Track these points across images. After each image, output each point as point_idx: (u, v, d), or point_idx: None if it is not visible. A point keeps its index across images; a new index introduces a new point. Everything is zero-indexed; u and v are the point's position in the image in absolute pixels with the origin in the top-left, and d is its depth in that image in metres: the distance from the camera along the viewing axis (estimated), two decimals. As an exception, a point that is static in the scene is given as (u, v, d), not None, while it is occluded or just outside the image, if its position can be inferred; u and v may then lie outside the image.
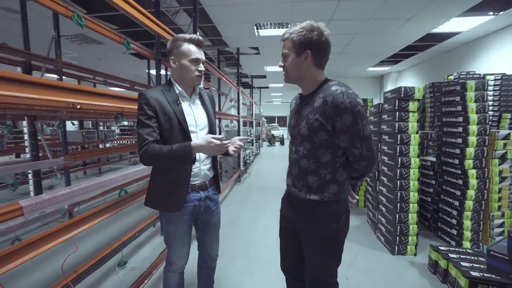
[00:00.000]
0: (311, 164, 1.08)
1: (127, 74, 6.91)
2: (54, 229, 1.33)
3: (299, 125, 1.10)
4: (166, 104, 1.20)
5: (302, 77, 1.10)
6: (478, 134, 2.50)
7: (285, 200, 1.28)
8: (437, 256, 2.15)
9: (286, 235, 1.28)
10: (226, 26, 3.96)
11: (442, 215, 2.80)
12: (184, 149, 1.10)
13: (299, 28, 1.04)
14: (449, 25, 3.89)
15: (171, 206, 1.25)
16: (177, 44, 1.21)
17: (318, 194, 1.08)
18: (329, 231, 1.10)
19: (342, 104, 0.97)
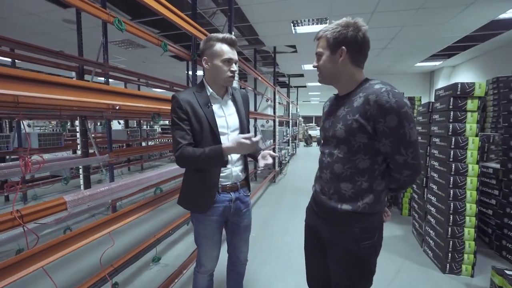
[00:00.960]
0: (346, 170, 0.97)
1: (169, 76, 7.30)
2: (97, 222, 1.42)
3: (334, 127, 1.00)
4: (198, 107, 1.20)
5: (338, 76, 1.01)
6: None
7: (310, 209, 1.19)
8: (502, 282, 1.84)
9: (312, 248, 1.19)
10: (263, 25, 3.92)
11: (508, 232, 2.40)
12: (215, 152, 1.11)
13: (334, 25, 0.98)
14: (518, 10, 3.33)
15: (200, 207, 1.27)
16: (209, 44, 1.20)
17: (351, 203, 0.97)
18: (360, 249, 0.97)
19: (387, 103, 0.87)
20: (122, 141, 5.18)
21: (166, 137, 7.29)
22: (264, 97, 6.42)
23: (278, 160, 6.04)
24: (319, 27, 4.01)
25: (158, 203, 1.99)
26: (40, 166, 1.64)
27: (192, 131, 1.19)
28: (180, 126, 1.17)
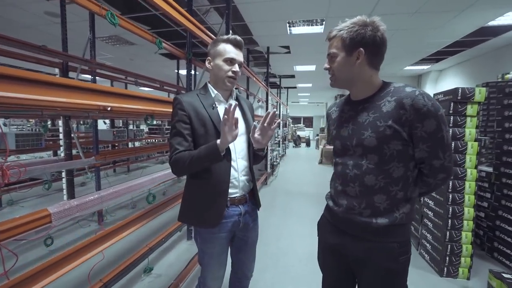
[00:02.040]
0: (380, 181, 0.89)
1: (158, 74, 7.07)
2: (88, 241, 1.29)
3: (360, 135, 0.91)
4: (201, 109, 1.13)
5: (354, 80, 0.93)
6: (553, 142, 2.13)
7: (327, 224, 1.06)
8: (500, 285, 1.85)
9: (336, 271, 1.06)
10: (258, 24, 3.84)
11: (500, 234, 2.45)
12: (208, 147, 1.04)
13: (350, 24, 0.89)
14: (508, 17, 3.43)
15: (209, 220, 1.14)
16: (214, 45, 1.16)
17: (387, 216, 0.89)
18: (399, 265, 0.90)
19: (424, 107, 0.81)
20: (108, 142, 4.95)
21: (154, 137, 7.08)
22: (256, 98, 6.35)
23: (270, 162, 5.99)
24: (314, 29, 3.98)
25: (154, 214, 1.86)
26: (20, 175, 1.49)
27: (194, 136, 1.12)
28: (179, 132, 1.10)
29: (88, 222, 3.17)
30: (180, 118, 1.10)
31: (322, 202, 3.82)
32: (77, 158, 3.05)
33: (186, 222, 1.26)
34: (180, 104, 1.11)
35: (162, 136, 7.21)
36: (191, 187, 1.19)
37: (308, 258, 2.46)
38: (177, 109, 1.11)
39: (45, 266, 1.02)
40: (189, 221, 1.22)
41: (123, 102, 1.43)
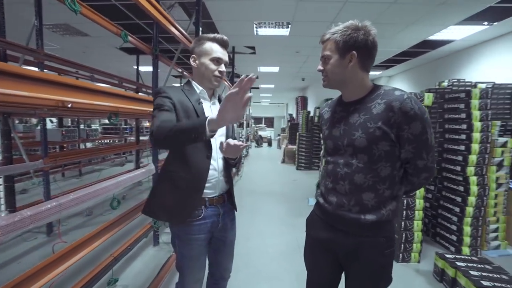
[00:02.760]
0: (368, 179, 0.93)
1: (114, 70, 6.51)
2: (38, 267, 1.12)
3: (351, 135, 0.95)
4: (187, 101, 1.10)
5: (346, 81, 0.97)
6: (481, 141, 2.52)
7: (317, 220, 1.09)
8: (444, 265, 2.13)
9: (322, 263, 1.10)
10: (225, 23, 3.81)
11: (442, 221, 2.81)
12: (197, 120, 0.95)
13: (343, 28, 0.92)
14: (445, 33, 3.96)
15: (179, 216, 1.10)
16: (199, 43, 1.14)
17: (375, 213, 0.94)
18: (385, 258, 0.97)
19: (411, 110, 0.86)
20: (56, 143, 4.42)
21: (109, 137, 6.51)
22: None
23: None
24: (280, 31, 4.09)
25: (121, 225, 1.71)
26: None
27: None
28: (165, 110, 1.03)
29: (34, 234, 2.80)
30: (165, 103, 1.04)
31: (288, 201, 3.97)
32: (18, 162, 2.67)
33: (153, 215, 1.21)
34: (166, 92, 1.07)
35: (119, 136, 6.68)
36: (166, 180, 1.14)
37: (280, 257, 2.52)
38: (162, 96, 1.06)
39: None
40: (157, 214, 1.19)
41: (87, 98, 1.30)
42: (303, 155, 7.33)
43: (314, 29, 3.95)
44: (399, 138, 0.90)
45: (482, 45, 4.40)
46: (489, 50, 4.28)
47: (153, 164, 2.50)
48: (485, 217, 2.66)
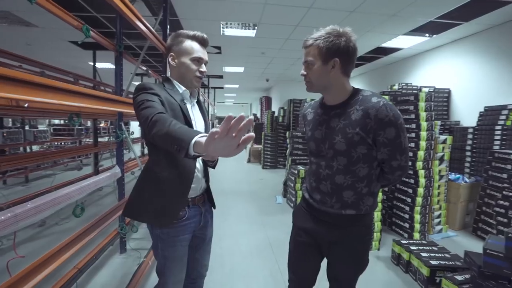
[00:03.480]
0: (348, 180, 1.01)
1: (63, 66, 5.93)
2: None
3: (331, 139, 1.01)
4: (173, 101, 1.05)
5: (329, 86, 1.02)
6: (427, 139, 2.86)
7: (304, 213, 1.17)
8: (400, 250, 2.38)
9: (308, 250, 1.17)
10: (192, 22, 3.72)
11: (396, 211, 3.12)
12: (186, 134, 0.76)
13: (325, 34, 0.96)
14: (395, 41, 4.40)
15: (164, 217, 1.07)
16: (178, 40, 1.10)
17: (354, 208, 1.03)
18: (364, 244, 1.08)
19: (386, 117, 0.92)
20: (-6, 147, 3.88)
21: (61, 139, 5.87)
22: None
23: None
24: (246, 32, 4.13)
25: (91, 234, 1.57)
26: None
27: None
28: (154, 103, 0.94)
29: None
30: (155, 100, 0.96)
31: (256, 200, 4.06)
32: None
33: (135, 217, 1.16)
34: (153, 89, 1.00)
35: (73, 138, 6.06)
36: (150, 181, 1.10)
37: (253, 255, 2.56)
38: (151, 94, 0.98)
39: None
40: (140, 216, 1.13)
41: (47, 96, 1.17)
42: (268, 154, 7.49)
43: (279, 31, 4.08)
44: (375, 142, 0.98)
45: (425, 54, 4.98)
46: (430, 58, 4.86)
47: (118, 167, 2.36)
48: (431, 205, 3.03)
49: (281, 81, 8.77)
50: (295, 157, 4.55)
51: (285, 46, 4.84)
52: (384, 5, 3.14)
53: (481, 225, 3.04)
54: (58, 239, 2.66)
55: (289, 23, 3.73)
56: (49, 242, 2.63)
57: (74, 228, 2.90)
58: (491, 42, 3.77)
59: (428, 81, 4.74)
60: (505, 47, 3.58)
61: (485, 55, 3.84)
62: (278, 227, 3.19)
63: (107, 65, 5.94)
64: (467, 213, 3.31)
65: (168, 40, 1.13)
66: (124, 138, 2.34)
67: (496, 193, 2.85)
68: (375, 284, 2.13)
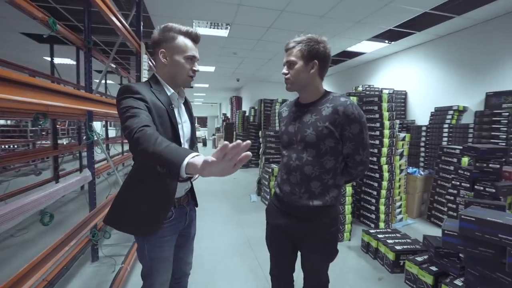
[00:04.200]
0: (316, 170, 1.11)
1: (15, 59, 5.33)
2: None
3: (303, 132, 1.12)
4: (160, 105, 1.00)
5: (306, 85, 1.13)
6: (389, 137, 3.13)
7: (275, 210, 1.26)
8: (369, 239, 2.59)
9: (282, 245, 1.27)
10: (163, 19, 3.59)
11: (364, 204, 3.37)
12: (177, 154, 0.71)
13: (306, 39, 1.09)
14: (359, 46, 4.73)
15: (148, 227, 1.05)
16: (169, 35, 1.03)
17: (320, 199, 1.12)
18: (331, 235, 1.17)
19: (352, 114, 1.05)
20: None
21: (11, 142, 5.25)
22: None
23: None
24: (219, 32, 4.13)
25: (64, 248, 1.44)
26: None
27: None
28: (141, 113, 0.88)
29: None
30: (141, 107, 0.90)
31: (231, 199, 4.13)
32: None
33: (118, 227, 1.12)
34: (140, 93, 0.93)
35: (23, 140, 5.46)
36: (134, 189, 1.07)
37: (232, 253, 2.60)
38: (136, 99, 0.92)
39: None
40: (123, 227, 1.09)
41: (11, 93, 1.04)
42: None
43: (252, 32, 4.14)
44: (342, 136, 1.09)
45: (384, 58, 5.42)
46: (389, 62, 5.31)
47: (89, 171, 2.22)
48: (393, 197, 3.32)
49: (252, 81, 8.86)
50: (268, 156, 4.65)
51: (257, 47, 4.92)
52: (350, 13, 3.37)
53: (434, 212, 3.42)
54: (16, 254, 2.42)
55: (262, 25, 3.81)
56: (5, 259, 2.37)
57: (35, 240, 2.69)
58: (439, 50, 4.24)
59: (388, 84, 5.16)
60: (450, 55, 4.06)
61: (435, 61, 4.31)
62: (254, 224, 3.25)
63: (66, 60, 5.48)
64: (422, 203, 3.70)
65: (155, 34, 1.04)
66: (95, 139, 2.22)
67: (446, 183, 3.23)
68: (348, 272, 2.30)
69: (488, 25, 3.55)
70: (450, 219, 1.62)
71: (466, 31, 3.82)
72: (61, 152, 3.92)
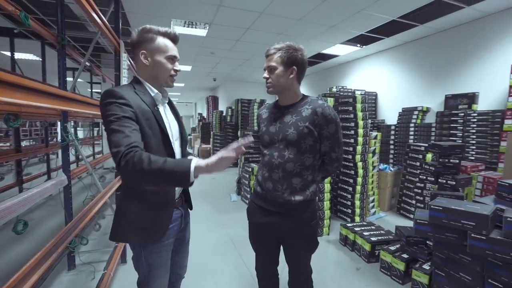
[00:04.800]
0: (297, 167, 1.19)
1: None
2: None
3: (285, 131, 1.20)
4: (145, 107, 1.00)
5: (286, 89, 1.23)
6: (363, 135, 3.33)
7: (256, 209, 1.32)
8: (347, 232, 2.74)
9: (266, 242, 1.34)
10: (139, 16, 3.48)
11: (341, 199, 3.55)
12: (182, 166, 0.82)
13: (286, 46, 1.18)
14: (334, 48, 4.95)
15: (156, 233, 1.05)
16: (148, 36, 1.03)
17: (301, 194, 1.20)
18: (312, 228, 1.26)
19: (329, 115, 1.16)
20: None
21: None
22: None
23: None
24: (197, 31, 4.09)
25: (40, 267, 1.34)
26: None
27: (142, 137, 0.94)
28: (127, 124, 0.88)
29: None
30: (127, 114, 0.90)
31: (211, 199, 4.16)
32: None
33: (124, 240, 1.12)
34: (125, 99, 0.92)
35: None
36: (133, 198, 1.05)
37: (216, 252, 2.61)
38: (121, 105, 0.91)
39: None
40: (130, 238, 1.07)
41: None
42: (219, 153, 7.47)
43: (231, 33, 4.15)
44: (320, 135, 1.20)
45: (356, 61, 5.72)
46: (361, 65, 5.61)
47: (64, 174, 2.11)
48: (367, 192, 3.54)
49: (229, 81, 8.84)
50: (248, 155, 4.70)
51: (235, 47, 4.94)
52: (326, 17, 3.53)
53: (403, 205, 3.70)
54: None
55: (241, 26, 3.84)
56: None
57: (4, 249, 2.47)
58: (405, 55, 4.58)
59: (360, 85, 5.46)
60: (415, 60, 4.40)
61: (402, 65, 4.65)
62: (236, 224, 3.28)
63: (27, 56, 5.08)
64: (392, 196, 3.98)
65: (134, 35, 1.04)
66: (70, 141, 2.11)
67: (413, 178, 3.51)
68: (328, 264, 2.42)
69: (446, 34, 3.92)
70: (420, 209, 1.79)
71: (428, 38, 4.17)
72: (25, 155, 3.64)
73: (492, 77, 3.37)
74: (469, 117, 3.39)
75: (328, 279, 2.16)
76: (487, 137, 3.22)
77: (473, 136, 3.34)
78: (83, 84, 7.09)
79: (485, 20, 3.44)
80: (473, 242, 1.20)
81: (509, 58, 3.17)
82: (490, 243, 1.16)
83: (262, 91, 9.22)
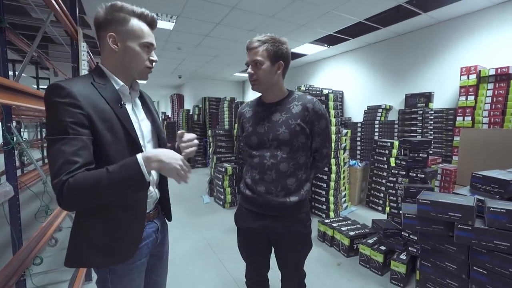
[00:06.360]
0: (291, 167, 1.12)
1: None
2: None
3: (275, 131, 1.12)
4: (104, 105, 0.79)
5: (273, 85, 1.14)
6: (335, 132, 3.42)
7: (246, 213, 1.22)
8: (325, 228, 2.78)
9: (258, 248, 1.26)
10: (96, 3, 3.12)
11: (316, 196, 3.61)
12: (128, 168, 0.72)
13: (271, 39, 1.09)
14: (302, 48, 5.03)
15: (122, 253, 0.86)
16: (120, 16, 0.82)
17: (297, 194, 1.14)
18: (307, 229, 1.21)
19: (320, 111, 1.13)
20: None
21: None
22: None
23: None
24: (164, 24, 3.82)
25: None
26: None
27: (99, 145, 0.77)
28: (72, 138, 0.71)
29: None
30: (74, 119, 0.72)
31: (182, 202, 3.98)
32: None
33: (84, 265, 0.92)
34: (71, 97, 0.73)
35: None
36: (95, 215, 0.83)
37: (195, 258, 2.46)
38: (66, 105, 0.72)
39: None
40: (93, 261, 0.86)
41: None
42: (187, 154, 7.17)
43: (200, 27, 3.96)
44: (311, 132, 1.15)
45: (323, 61, 5.90)
46: (328, 64, 5.81)
47: (9, 184, 1.77)
48: (340, 187, 3.65)
49: (195, 79, 8.52)
50: (219, 155, 4.55)
51: (203, 43, 4.74)
52: (296, 15, 3.54)
53: (372, 199, 3.90)
54: None
55: (211, 20, 3.68)
56: None
57: None
58: (369, 56, 4.84)
59: (327, 84, 5.64)
60: (378, 60, 4.67)
61: (366, 65, 4.91)
62: (212, 226, 3.14)
63: None
64: (361, 191, 4.17)
65: (101, 12, 0.82)
66: (17, 144, 1.78)
67: (381, 172, 3.71)
68: (309, 262, 2.36)
69: (405, 38, 4.22)
70: (406, 203, 1.87)
71: (389, 41, 4.46)
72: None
73: (445, 78, 3.71)
74: (426, 115, 3.69)
75: (312, 278, 2.15)
76: (443, 133, 3.54)
77: (431, 132, 3.65)
78: (27, 79, 6.23)
79: (438, 26, 3.78)
80: (459, 233, 1.26)
81: (459, 62, 3.51)
82: (475, 233, 1.22)
83: (230, 89, 9.09)
